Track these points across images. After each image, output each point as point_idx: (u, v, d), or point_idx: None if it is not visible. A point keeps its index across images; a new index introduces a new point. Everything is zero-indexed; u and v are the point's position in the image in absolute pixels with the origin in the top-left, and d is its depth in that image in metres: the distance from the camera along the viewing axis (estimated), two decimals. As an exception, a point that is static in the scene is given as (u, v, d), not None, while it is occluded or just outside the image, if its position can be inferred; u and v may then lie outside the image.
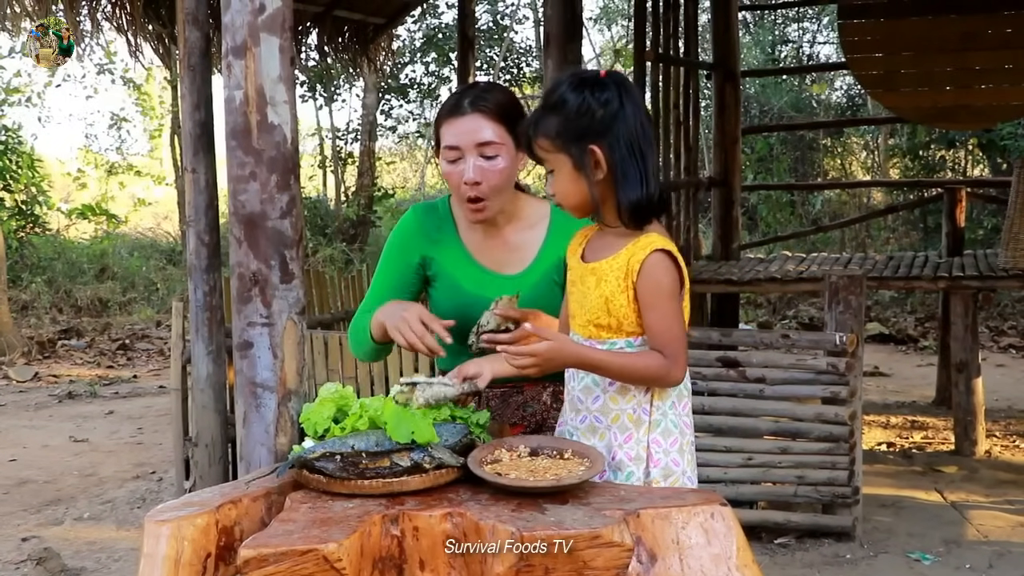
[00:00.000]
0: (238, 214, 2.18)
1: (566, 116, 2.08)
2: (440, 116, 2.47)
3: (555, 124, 2.09)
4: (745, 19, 15.24)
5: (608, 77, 2.11)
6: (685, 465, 2.19)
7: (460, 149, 2.42)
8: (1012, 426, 6.87)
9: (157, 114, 18.51)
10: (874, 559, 4.53)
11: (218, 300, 4.62)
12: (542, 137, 2.12)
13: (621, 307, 2.09)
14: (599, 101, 2.07)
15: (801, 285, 6.74)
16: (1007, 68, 7.17)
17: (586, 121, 2.07)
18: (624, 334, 2.11)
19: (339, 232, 14.86)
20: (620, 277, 2.08)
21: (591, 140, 2.07)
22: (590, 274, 2.14)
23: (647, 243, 2.08)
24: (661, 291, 2.06)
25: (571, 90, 2.09)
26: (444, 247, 2.58)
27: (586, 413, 2.17)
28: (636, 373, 2.09)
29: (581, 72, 2.16)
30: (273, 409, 2.19)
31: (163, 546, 1.81)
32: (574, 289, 2.20)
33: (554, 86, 2.14)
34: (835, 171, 15.28)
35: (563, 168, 2.12)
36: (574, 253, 2.24)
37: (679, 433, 2.17)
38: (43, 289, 12.75)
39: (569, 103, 2.08)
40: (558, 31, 5.36)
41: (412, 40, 16.32)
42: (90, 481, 6.07)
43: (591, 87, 2.08)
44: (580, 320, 2.17)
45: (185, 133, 4.47)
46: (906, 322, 11.04)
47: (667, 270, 2.07)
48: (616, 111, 2.07)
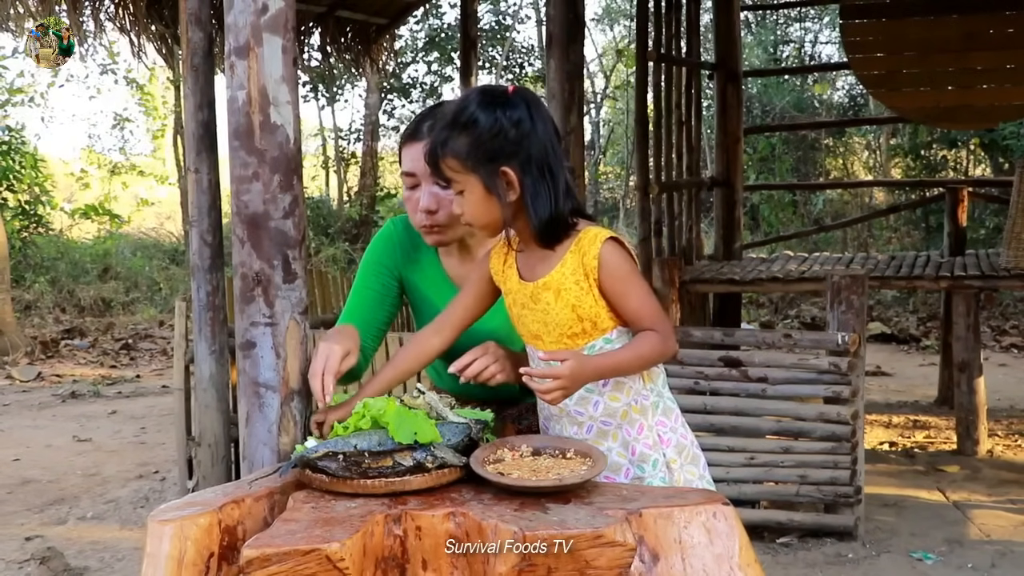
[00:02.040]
0: (241, 214, 2.18)
1: (477, 137, 2.02)
2: (401, 139, 2.41)
3: (465, 144, 2.03)
4: (747, 19, 15.24)
5: (517, 94, 2.06)
6: (690, 436, 2.24)
7: (416, 176, 2.36)
8: (1014, 425, 6.87)
9: (160, 114, 18.55)
10: (876, 559, 4.53)
11: (221, 300, 4.62)
12: (451, 158, 2.05)
13: (590, 308, 2.08)
14: (510, 121, 2.02)
15: (803, 285, 6.74)
16: (1009, 68, 7.17)
17: (498, 143, 2.02)
18: (599, 332, 2.10)
19: (342, 232, 14.88)
20: (579, 280, 2.07)
21: (503, 162, 2.03)
22: (543, 290, 2.10)
23: (593, 238, 2.07)
24: (628, 275, 2.07)
25: (481, 109, 2.03)
26: (422, 267, 2.51)
27: (590, 422, 2.15)
28: (647, 358, 2.09)
29: (489, 89, 2.08)
30: (276, 409, 2.19)
31: (166, 546, 1.81)
32: (525, 311, 2.15)
33: (462, 104, 2.07)
34: (837, 171, 15.28)
35: (473, 189, 2.07)
36: (504, 274, 2.20)
37: (674, 406, 2.21)
38: (46, 289, 12.77)
39: (480, 123, 2.02)
40: (560, 31, 5.36)
41: (415, 40, 16.34)
42: (93, 481, 6.07)
43: (502, 106, 2.03)
44: (549, 338, 2.13)
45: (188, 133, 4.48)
46: (908, 322, 11.04)
47: (623, 255, 2.07)
48: (528, 131, 2.03)
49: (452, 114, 2.06)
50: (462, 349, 2.30)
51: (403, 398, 2.21)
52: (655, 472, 2.14)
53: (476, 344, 2.29)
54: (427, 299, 2.52)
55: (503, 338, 2.36)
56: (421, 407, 2.18)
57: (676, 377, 4.73)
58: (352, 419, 2.10)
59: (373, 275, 2.54)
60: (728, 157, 8.28)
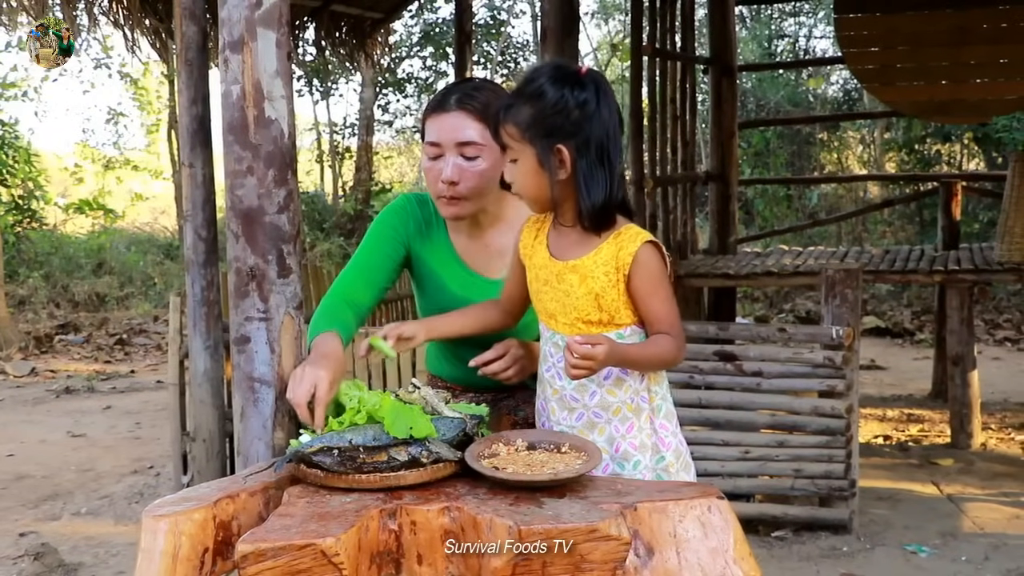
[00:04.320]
0: (235, 209, 2.18)
1: (540, 109, 2.04)
2: (426, 110, 2.44)
3: (527, 115, 2.05)
4: (742, 14, 15.25)
5: (588, 76, 2.06)
6: (685, 444, 2.25)
7: (441, 146, 2.37)
8: (1008, 419, 6.88)
9: (154, 109, 18.50)
10: (871, 552, 4.54)
11: (216, 295, 4.62)
12: (511, 125, 2.08)
13: (612, 301, 2.09)
14: (577, 100, 2.03)
15: (798, 279, 6.75)
16: (1002, 62, 7.18)
17: (559, 119, 2.03)
18: (614, 326, 2.12)
19: (336, 227, 14.86)
20: (609, 272, 2.08)
21: (560, 139, 2.04)
22: (570, 272, 2.12)
23: (634, 235, 2.08)
24: (659, 279, 2.09)
25: (551, 83, 2.04)
26: (432, 244, 2.52)
27: (582, 410, 2.16)
28: (660, 360, 2.11)
29: (563, 65, 2.10)
30: (271, 404, 2.19)
31: (161, 541, 1.81)
32: (547, 288, 2.16)
33: (533, 74, 2.09)
34: (831, 165, 15.28)
35: (527, 160, 2.08)
36: (532, 248, 2.21)
37: (674, 411, 2.23)
38: (40, 284, 12.74)
39: (546, 97, 2.03)
40: (555, 25, 5.36)
41: (409, 35, 16.32)
42: (88, 476, 6.07)
43: (571, 84, 2.04)
44: (565, 319, 2.14)
45: (182, 128, 4.47)
46: (902, 315, 11.06)
47: (659, 259, 2.10)
48: (591, 113, 2.04)
49: (522, 82, 2.09)
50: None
51: (398, 392, 2.21)
52: (634, 473, 2.15)
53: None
54: (434, 273, 2.52)
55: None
56: (416, 402, 2.18)
57: (671, 371, 4.71)
58: (347, 414, 2.10)
59: (385, 239, 2.52)
60: (723, 152, 8.28)
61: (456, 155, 2.36)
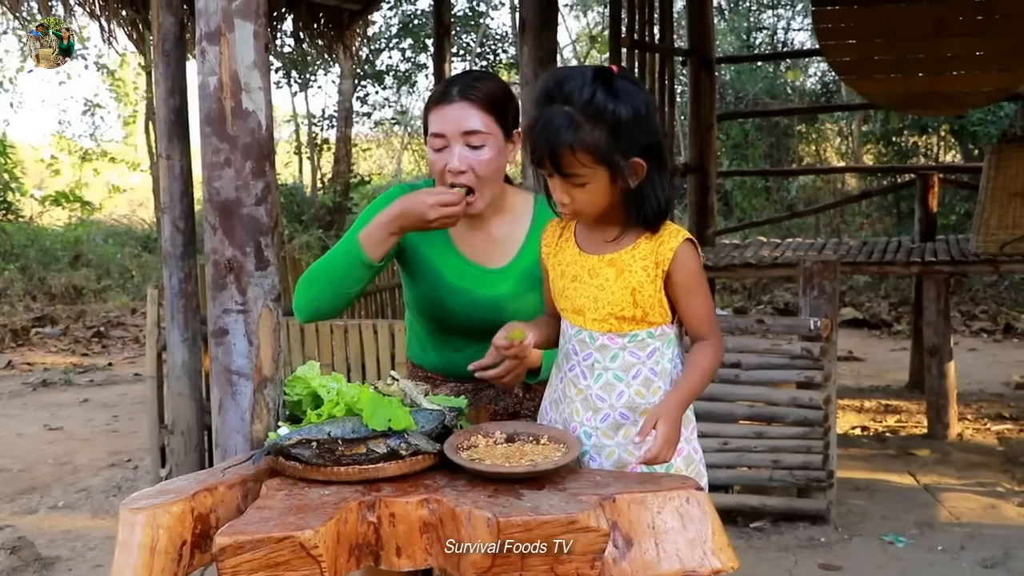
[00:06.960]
0: (213, 201, 2.17)
1: (614, 129, 1.94)
2: (429, 102, 2.43)
3: (599, 137, 1.94)
4: (720, 6, 15.27)
5: (623, 76, 2.00)
6: (700, 451, 2.23)
7: (446, 137, 2.37)
8: (983, 409, 6.94)
9: (131, 100, 18.37)
10: (848, 542, 4.57)
11: (193, 287, 4.61)
12: (582, 152, 1.95)
13: (649, 297, 2.06)
14: (639, 109, 1.96)
15: (776, 270, 6.78)
16: (977, 55, 7.22)
17: (636, 133, 1.97)
18: (647, 324, 2.08)
19: (315, 219, 14.82)
20: (647, 267, 2.05)
21: (636, 152, 1.98)
22: (606, 266, 2.08)
23: (675, 232, 2.07)
24: (699, 278, 2.08)
25: (612, 99, 1.94)
26: (428, 234, 2.48)
27: (608, 411, 2.10)
28: (711, 375, 2.09)
29: (606, 73, 1.98)
30: (249, 396, 2.19)
31: (138, 534, 1.81)
32: (576, 284, 2.11)
33: (584, 95, 1.94)
34: (809, 157, 15.34)
35: (600, 181, 1.99)
36: (557, 246, 2.19)
37: (692, 417, 2.19)
38: (16, 276, 12.64)
39: (615, 113, 1.94)
40: (534, 17, 5.35)
41: (388, 26, 16.26)
42: (65, 469, 6.04)
43: (627, 93, 1.96)
44: (597, 314, 2.09)
45: (160, 119, 4.45)
46: (880, 307, 11.12)
47: (698, 257, 2.08)
48: (650, 115, 2.01)
49: (578, 106, 1.95)
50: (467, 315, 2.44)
51: (377, 385, 2.21)
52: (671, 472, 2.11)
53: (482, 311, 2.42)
54: (429, 263, 2.51)
55: (506, 305, 2.43)
56: (395, 394, 2.18)
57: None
58: (326, 406, 2.10)
59: None
60: (701, 143, 8.30)
61: (462, 145, 2.36)
